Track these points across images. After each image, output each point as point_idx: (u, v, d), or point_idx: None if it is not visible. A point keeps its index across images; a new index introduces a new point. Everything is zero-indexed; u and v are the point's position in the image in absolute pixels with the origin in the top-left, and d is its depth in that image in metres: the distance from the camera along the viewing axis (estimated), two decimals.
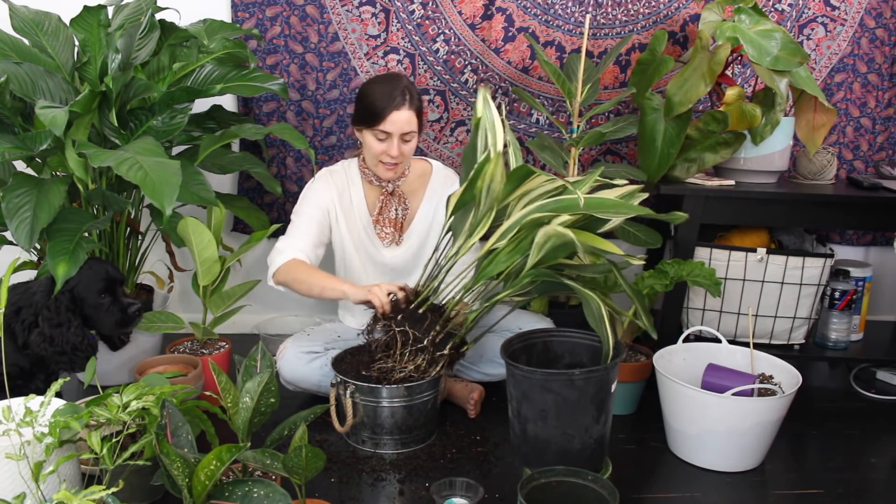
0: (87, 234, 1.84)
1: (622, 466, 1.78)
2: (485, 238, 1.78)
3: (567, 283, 1.69)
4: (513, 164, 1.83)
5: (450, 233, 1.84)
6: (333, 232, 2.09)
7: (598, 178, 1.78)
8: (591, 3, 2.38)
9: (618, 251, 1.64)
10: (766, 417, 1.71)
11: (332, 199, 2.06)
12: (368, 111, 1.93)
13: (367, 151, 2.00)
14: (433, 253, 1.86)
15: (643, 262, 1.82)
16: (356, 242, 2.09)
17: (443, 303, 1.84)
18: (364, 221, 2.09)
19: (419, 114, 1.96)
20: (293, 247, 1.98)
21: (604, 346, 1.66)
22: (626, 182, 1.85)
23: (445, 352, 1.80)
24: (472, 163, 1.75)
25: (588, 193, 1.70)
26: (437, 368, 1.81)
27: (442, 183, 2.10)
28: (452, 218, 1.81)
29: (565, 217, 1.65)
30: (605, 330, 1.63)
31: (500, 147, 1.72)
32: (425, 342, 1.77)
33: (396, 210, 2.07)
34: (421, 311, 1.79)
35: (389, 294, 1.78)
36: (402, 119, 1.91)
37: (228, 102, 2.39)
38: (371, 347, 1.86)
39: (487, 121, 1.76)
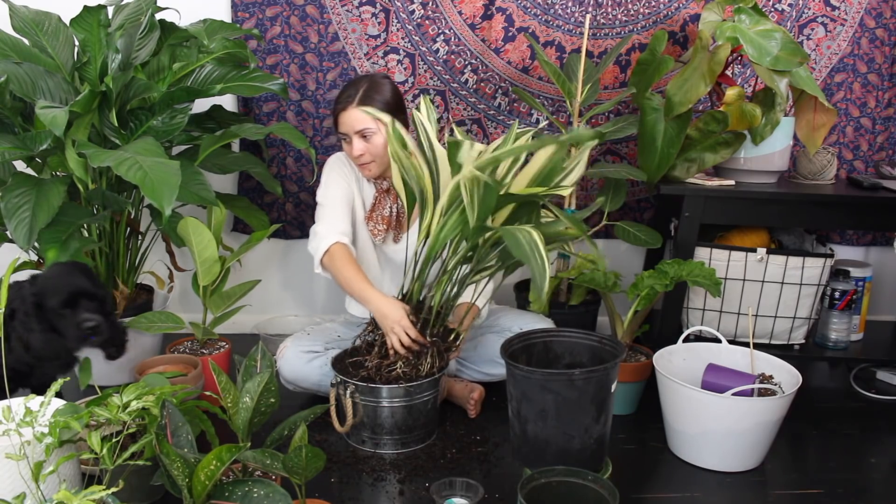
0: (85, 231, 1.84)
1: (622, 466, 1.78)
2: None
3: (494, 228, 1.66)
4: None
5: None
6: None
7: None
8: (591, 3, 2.38)
9: (535, 190, 1.66)
10: (766, 417, 1.71)
11: (350, 181, 2.06)
12: (332, 117, 2.01)
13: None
14: (416, 255, 1.87)
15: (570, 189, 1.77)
16: (357, 236, 2.10)
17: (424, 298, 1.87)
18: (361, 216, 2.09)
19: (381, 109, 1.89)
20: (334, 229, 1.95)
21: (537, 274, 1.44)
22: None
23: (425, 341, 1.80)
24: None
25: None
26: (427, 359, 1.80)
27: None
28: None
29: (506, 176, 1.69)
30: (537, 258, 1.46)
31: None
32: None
33: (391, 208, 2.07)
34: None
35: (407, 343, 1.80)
36: (348, 118, 1.93)
37: (228, 102, 2.39)
38: (358, 346, 1.91)
39: (419, 123, 1.82)
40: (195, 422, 1.49)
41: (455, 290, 1.84)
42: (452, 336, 1.87)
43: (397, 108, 1.97)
